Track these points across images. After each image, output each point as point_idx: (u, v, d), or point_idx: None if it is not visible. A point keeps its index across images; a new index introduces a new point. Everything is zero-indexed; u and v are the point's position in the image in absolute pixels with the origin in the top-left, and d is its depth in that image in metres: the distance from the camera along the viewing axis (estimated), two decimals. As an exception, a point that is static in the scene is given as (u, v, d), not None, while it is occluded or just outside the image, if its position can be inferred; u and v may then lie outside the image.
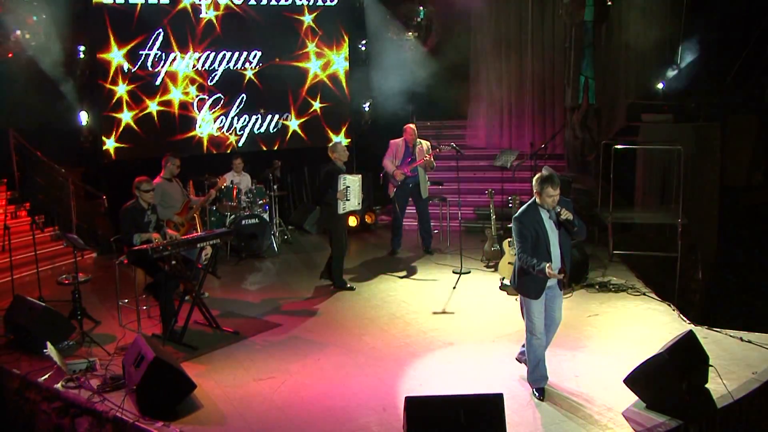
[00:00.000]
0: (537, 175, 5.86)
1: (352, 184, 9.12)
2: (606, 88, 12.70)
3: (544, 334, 6.02)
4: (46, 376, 6.57)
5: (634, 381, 5.85)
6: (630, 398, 5.84)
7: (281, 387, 6.32)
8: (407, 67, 13.60)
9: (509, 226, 8.95)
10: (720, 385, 5.91)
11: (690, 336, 6.04)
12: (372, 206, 13.24)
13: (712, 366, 6.02)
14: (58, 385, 6.37)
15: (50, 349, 6.58)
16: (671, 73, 12.48)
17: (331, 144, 9.50)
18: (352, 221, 12.34)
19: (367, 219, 12.99)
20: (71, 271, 9.74)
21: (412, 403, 4.90)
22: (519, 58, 13.31)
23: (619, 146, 10.22)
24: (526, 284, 5.95)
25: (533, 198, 5.91)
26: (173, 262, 7.31)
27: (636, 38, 12.29)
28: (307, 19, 12.96)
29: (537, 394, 5.99)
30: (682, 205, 9.84)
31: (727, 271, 10.90)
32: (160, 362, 5.81)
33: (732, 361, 6.62)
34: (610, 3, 11.24)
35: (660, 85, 12.64)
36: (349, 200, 9.12)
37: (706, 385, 6.00)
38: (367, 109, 13.85)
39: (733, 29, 11.82)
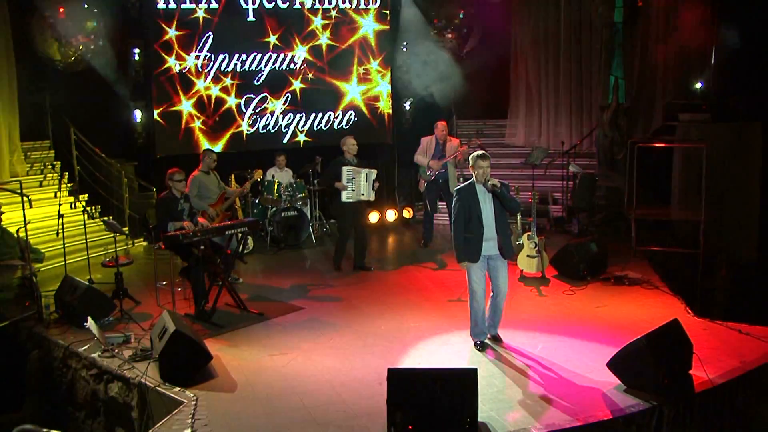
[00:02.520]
0: (473, 154, 6.94)
1: (356, 175, 9.75)
2: (643, 88, 12.89)
3: (483, 297, 6.99)
4: (86, 346, 7.32)
5: (615, 364, 6.21)
6: (614, 381, 6.20)
7: (291, 362, 6.90)
8: (447, 67, 14.01)
9: (529, 221, 9.43)
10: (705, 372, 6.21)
11: (673, 324, 6.34)
12: (413, 202, 13.72)
13: (695, 353, 6.33)
14: (95, 355, 7.11)
15: (90, 323, 7.32)
16: (708, 73, 12.53)
17: (342, 138, 10.12)
18: (373, 217, 13.00)
19: (406, 213, 13.50)
20: (122, 256, 10.64)
21: (393, 374, 5.38)
22: (557, 58, 13.58)
23: (641, 144, 10.41)
24: (465, 252, 6.91)
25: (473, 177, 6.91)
26: (202, 247, 7.97)
27: (672, 38, 12.44)
28: (348, 30, 13.52)
29: (478, 346, 7.06)
30: (716, 204, 9.97)
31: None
32: (180, 334, 6.47)
33: (725, 351, 6.89)
34: (640, 4, 11.40)
35: (698, 85, 12.71)
36: (354, 190, 9.75)
37: (690, 372, 6.31)
38: (408, 108, 14.29)
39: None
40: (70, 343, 7.46)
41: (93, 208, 11.49)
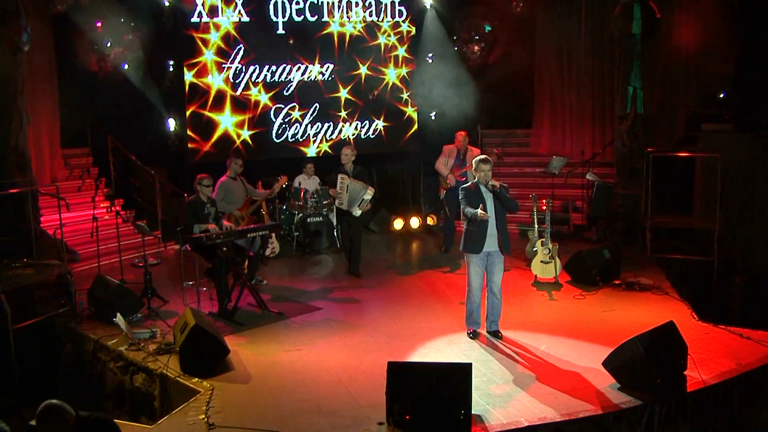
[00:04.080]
0: (476, 157, 7.63)
1: (343, 184, 10.13)
2: (666, 98, 13.07)
3: (479, 290, 7.65)
4: (114, 340, 7.82)
5: (610, 364, 6.47)
6: (609, 380, 6.47)
7: (304, 357, 7.30)
8: (473, 77, 14.38)
9: (542, 228, 9.70)
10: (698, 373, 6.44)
11: (668, 326, 6.57)
12: (437, 209, 14.02)
13: (690, 355, 6.55)
14: (122, 348, 7.59)
15: (119, 319, 7.81)
16: (730, 83, 12.65)
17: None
18: (398, 224, 13.53)
19: (429, 221, 13.82)
20: (155, 258, 11.19)
21: (392, 367, 5.73)
22: (579, 69, 13.82)
23: (656, 154, 10.61)
24: (468, 244, 7.56)
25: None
26: (224, 249, 8.41)
27: (694, 49, 12.62)
28: (382, 39, 13.94)
29: (470, 334, 7.74)
30: (736, 213, 10.11)
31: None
32: (200, 329, 6.91)
33: (722, 354, 7.11)
34: (658, 16, 11.61)
35: (721, 95, 12.83)
36: (340, 198, 10.15)
37: (685, 372, 6.54)
38: (433, 118, 14.62)
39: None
40: (100, 337, 7.96)
41: (128, 212, 12.04)
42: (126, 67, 12.17)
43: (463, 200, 7.55)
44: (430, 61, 14.43)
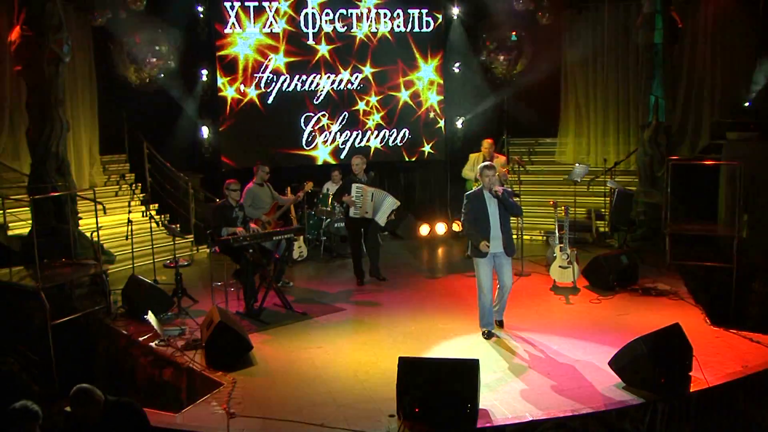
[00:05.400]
0: (481, 164, 8.05)
1: (364, 193, 10.30)
2: (690, 107, 13.20)
3: (490, 291, 7.96)
4: (145, 336, 8.23)
5: (616, 363, 6.69)
6: (615, 379, 6.68)
7: (324, 354, 7.65)
8: (499, 86, 14.66)
9: (561, 234, 9.91)
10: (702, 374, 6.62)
11: (673, 328, 6.75)
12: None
13: (695, 357, 6.73)
14: (153, 344, 8.00)
15: (150, 316, 8.21)
16: (755, 91, 12.73)
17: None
18: (424, 230, 13.87)
19: (455, 227, 14.07)
20: (187, 259, 11.63)
21: (403, 362, 6.03)
22: (604, 79, 14.02)
23: (675, 162, 10.77)
24: (475, 249, 7.90)
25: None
26: (251, 251, 8.79)
27: (719, 58, 12.76)
28: (409, 49, 14.29)
29: (485, 334, 8.00)
30: (760, 220, 10.20)
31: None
32: (224, 326, 7.29)
33: (730, 357, 7.26)
34: (680, 26, 11.76)
35: (747, 104, 12.91)
36: (361, 207, 10.31)
37: (690, 374, 6.72)
38: (460, 126, 14.90)
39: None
40: (132, 333, 8.39)
41: (162, 216, 12.52)
42: (161, 76, 12.64)
43: (469, 213, 7.92)
44: (457, 70, 14.71)
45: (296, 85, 13.63)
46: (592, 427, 6.05)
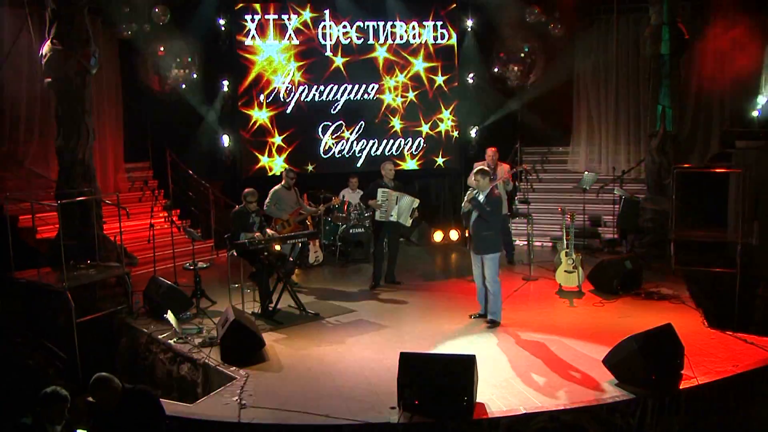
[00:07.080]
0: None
1: (389, 197, 10.68)
2: (699, 117, 13.45)
3: (479, 279, 8.92)
4: (165, 334, 8.66)
5: (609, 361, 6.98)
6: (609, 377, 6.99)
7: (333, 352, 8.02)
8: (512, 96, 14.98)
9: (567, 240, 10.20)
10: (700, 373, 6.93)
11: (665, 328, 7.05)
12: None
13: (687, 356, 7.01)
14: (171, 341, 8.43)
15: (169, 315, 8.65)
16: (763, 100, 12.93)
17: (382, 163, 11.20)
18: (438, 236, 14.25)
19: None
20: (207, 263, 12.06)
21: (404, 356, 6.39)
22: (615, 89, 14.30)
23: (680, 170, 11.03)
24: (491, 245, 8.77)
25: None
26: (266, 254, 9.20)
27: (727, 69, 12.99)
28: (419, 64, 14.68)
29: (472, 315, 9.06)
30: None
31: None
32: (238, 323, 7.70)
33: (722, 357, 7.54)
34: (687, 38, 12.03)
35: (755, 113, 13.11)
36: (386, 211, 10.69)
37: (682, 372, 6.99)
38: (474, 135, 15.22)
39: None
40: (152, 332, 8.85)
41: (183, 221, 12.98)
42: (183, 87, 13.13)
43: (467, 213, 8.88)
44: (471, 81, 15.06)
45: (314, 95, 14.05)
46: (584, 420, 6.35)
